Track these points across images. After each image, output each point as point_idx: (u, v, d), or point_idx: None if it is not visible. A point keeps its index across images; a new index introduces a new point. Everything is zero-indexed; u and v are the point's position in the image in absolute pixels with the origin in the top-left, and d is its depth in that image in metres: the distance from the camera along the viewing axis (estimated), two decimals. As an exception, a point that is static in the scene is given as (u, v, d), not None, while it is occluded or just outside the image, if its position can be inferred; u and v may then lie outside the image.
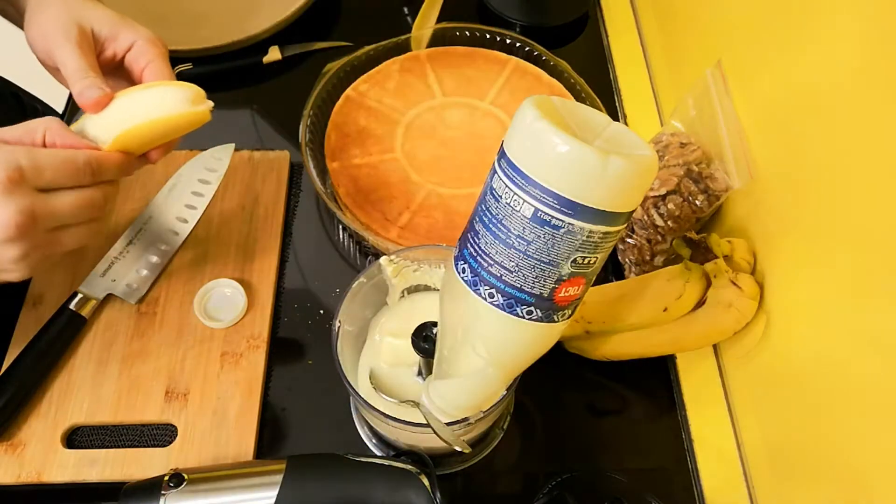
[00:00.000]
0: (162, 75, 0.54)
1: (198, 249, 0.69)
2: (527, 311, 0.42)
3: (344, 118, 0.78)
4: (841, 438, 0.49)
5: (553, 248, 0.39)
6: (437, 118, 0.79)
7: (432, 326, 0.50)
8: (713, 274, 0.59)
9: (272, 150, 0.75)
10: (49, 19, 0.52)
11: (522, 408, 0.63)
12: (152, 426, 0.61)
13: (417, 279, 0.58)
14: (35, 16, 0.53)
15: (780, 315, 0.56)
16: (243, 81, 0.84)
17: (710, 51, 0.69)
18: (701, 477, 0.60)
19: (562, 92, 0.80)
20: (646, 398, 0.65)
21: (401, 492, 0.51)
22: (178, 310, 0.65)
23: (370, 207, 0.72)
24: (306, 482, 0.51)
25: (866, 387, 0.46)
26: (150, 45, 0.54)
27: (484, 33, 0.84)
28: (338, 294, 0.68)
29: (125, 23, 0.54)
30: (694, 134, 0.66)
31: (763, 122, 0.59)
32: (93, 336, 0.64)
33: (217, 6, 0.88)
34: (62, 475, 0.57)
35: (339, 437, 0.61)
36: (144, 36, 0.54)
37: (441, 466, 0.59)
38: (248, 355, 0.63)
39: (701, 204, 0.63)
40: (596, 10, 0.92)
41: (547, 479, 0.58)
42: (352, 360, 0.57)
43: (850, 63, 0.47)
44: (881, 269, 0.45)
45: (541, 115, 0.38)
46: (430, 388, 0.49)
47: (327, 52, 0.86)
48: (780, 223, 0.57)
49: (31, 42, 0.54)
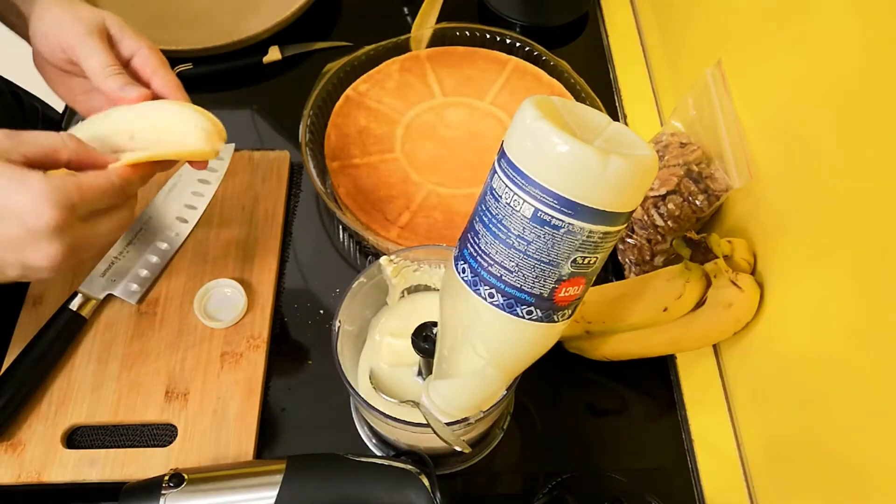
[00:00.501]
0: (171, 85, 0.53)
1: (198, 249, 0.69)
2: (527, 311, 0.42)
3: (344, 118, 0.78)
4: (841, 438, 0.49)
5: (553, 248, 0.39)
6: (437, 118, 0.79)
7: (432, 326, 0.50)
8: (713, 274, 0.59)
9: (272, 150, 0.75)
10: (61, 21, 0.52)
11: (522, 408, 0.63)
12: (152, 426, 0.61)
13: (417, 279, 0.58)
14: (46, 12, 0.52)
15: (780, 315, 0.56)
16: (243, 81, 0.85)
17: (710, 51, 0.69)
18: (701, 477, 0.60)
19: (562, 92, 0.80)
20: (646, 398, 0.65)
21: (401, 492, 0.51)
22: (178, 310, 0.65)
23: (370, 207, 0.72)
24: (306, 482, 0.51)
25: (866, 387, 0.46)
26: (153, 53, 0.54)
27: (484, 33, 0.84)
28: (338, 294, 0.68)
29: (127, 30, 0.54)
30: (694, 134, 0.66)
31: (763, 122, 0.59)
32: (93, 336, 0.64)
33: (217, 6, 0.88)
34: (62, 475, 0.57)
35: (339, 437, 0.61)
36: (146, 44, 0.54)
37: (441, 466, 0.59)
38: (248, 355, 0.63)
39: (701, 204, 0.63)
40: (596, 10, 0.92)
41: (547, 479, 0.58)
42: (352, 360, 0.57)
43: (850, 63, 0.47)
44: (881, 268, 0.45)
45: (541, 115, 0.38)
46: (430, 388, 0.49)
47: (327, 52, 0.86)
48: (780, 223, 0.57)
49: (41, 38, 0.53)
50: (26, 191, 0.42)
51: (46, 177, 0.43)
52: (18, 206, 0.42)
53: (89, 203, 0.45)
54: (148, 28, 0.84)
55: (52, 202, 0.43)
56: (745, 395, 0.62)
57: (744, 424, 0.62)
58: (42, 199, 0.42)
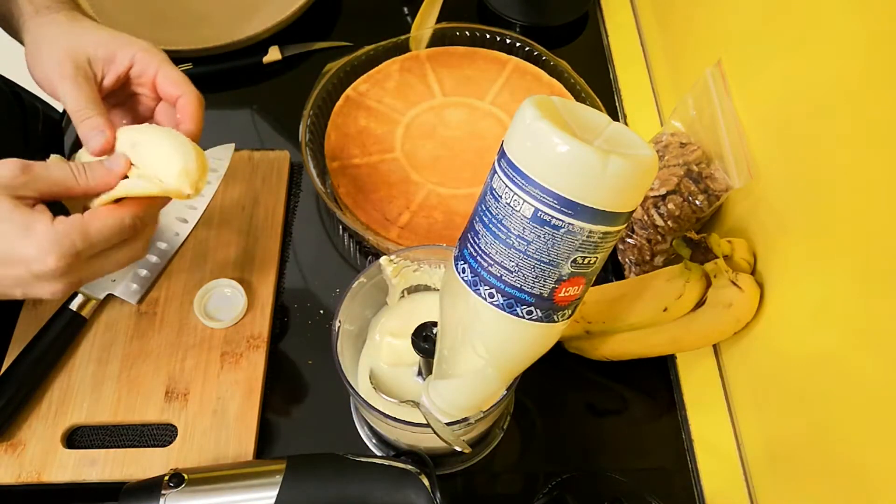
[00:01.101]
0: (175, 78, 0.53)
1: (198, 249, 0.69)
2: (527, 311, 0.42)
3: (344, 118, 0.78)
4: (841, 438, 0.49)
5: (553, 248, 0.39)
6: (437, 118, 0.79)
7: (432, 326, 0.50)
8: (713, 274, 0.59)
9: (272, 150, 0.75)
10: (45, 58, 0.51)
11: (522, 408, 0.63)
12: (152, 426, 0.61)
13: (417, 279, 0.58)
14: (33, 56, 0.53)
15: (780, 315, 0.56)
16: (243, 81, 0.84)
17: (710, 51, 0.69)
18: (701, 477, 0.60)
19: (562, 92, 0.80)
20: (646, 398, 0.65)
21: (401, 492, 0.51)
22: (178, 310, 0.65)
23: (370, 207, 0.72)
24: (306, 482, 0.51)
25: (866, 386, 0.46)
26: (149, 54, 0.53)
27: (484, 33, 0.84)
28: (338, 294, 0.68)
29: (120, 40, 0.53)
30: (694, 134, 0.66)
31: (763, 122, 0.59)
32: (93, 336, 0.64)
33: (217, 6, 0.88)
34: (62, 475, 0.57)
35: (339, 437, 0.61)
36: (141, 47, 0.53)
37: (441, 466, 0.59)
38: (248, 355, 0.63)
39: (701, 204, 0.63)
40: (596, 10, 0.92)
41: (547, 479, 0.58)
42: (352, 360, 0.57)
43: (850, 63, 0.47)
44: (881, 268, 0.45)
45: (541, 115, 0.38)
46: (430, 388, 0.49)
47: (327, 52, 0.86)
48: (780, 223, 0.57)
49: (37, 82, 0.53)
50: (32, 238, 0.43)
51: (52, 224, 0.44)
52: (23, 254, 0.44)
53: (95, 247, 0.46)
54: (148, 28, 0.85)
55: (57, 253, 0.44)
56: (745, 395, 0.62)
57: (744, 424, 0.62)
58: (46, 249, 0.43)
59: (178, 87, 0.53)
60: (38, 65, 0.52)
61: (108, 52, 0.52)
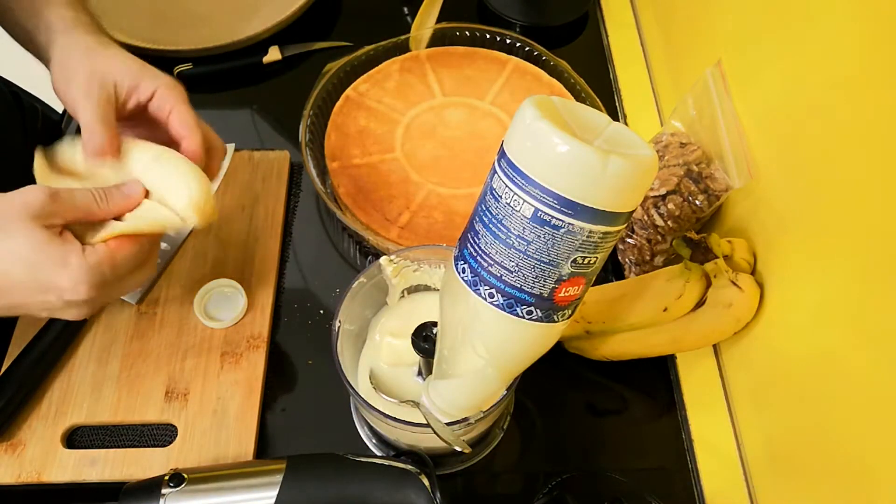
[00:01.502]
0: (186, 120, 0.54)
1: (198, 249, 0.69)
2: (527, 311, 0.42)
3: (344, 118, 0.78)
4: (841, 438, 0.49)
5: (553, 248, 0.39)
6: (437, 118, 0.79)
7: (432, 326, 0.50)
8: (713, 274, 0.59)
9: (272, 150, 0.75)
10: (72, 74, 0.53)
11: (522, 408, 0.63)
12: (152, 426, 0.61)
13: (417, 279, 0.58)
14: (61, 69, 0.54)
15: (780, 315, 0.56)
16: (243, 81, 0.85)
17: (710, 51, 0.69)
18: (701, 477, 0.60)
19: (562, 92, 0.80)
20: (646, 398, 0.65)
21: (401, 492, 0.51)
22: (178, 310, 0.65)
23: (370, 207, 0.72)
24: (306, 482, 0.51)
25: (867, 386, 0.46)
26: (170, 91, 0.55)
27: (484, 33, 0.84)
28: (338, 294, 0.68)
29: (146, 72, 0.55)
30: (694, 134, 0.66)
31: (763, 122, 0.59)
32: (93, 336, 0.64)
33: (217, 6, 0.88)
34: (62, 475, 0.57)
35: (339, 437, 0.61)
36: (165, 83, 0.55)
37: (441, 466, 0.59)
38: (248, 355, 0.63)
39: (701, 204, 0.63)
40: (596, 10, 0.92)
41: (547, 479, 0.58)
42: (352, 360, 0.57)
43: (850, 63, 0.47)
44: (881, 268, 0.45)
45: (541, 115, 0.38)
46: (430, 388, 0.49)
47: (327, 52, 0.86)
48: (780, 223, 0.57)
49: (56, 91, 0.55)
50: (67, 270, 0.46)
51: (84, 256, 0.47)
52: (59, 284, 0.47)
53: (120, 274, 0.49)
54: (148, 28, 0.85)
55: (89, 283, 0.47)
56: (745, 395, 0.62)
57: (744, 424, 0.62)
58: (80, 279, 0.47)
59: (186, 130, 0.54)
60: (63, 79, 0.54)
61: (133, 80, 0.54)
